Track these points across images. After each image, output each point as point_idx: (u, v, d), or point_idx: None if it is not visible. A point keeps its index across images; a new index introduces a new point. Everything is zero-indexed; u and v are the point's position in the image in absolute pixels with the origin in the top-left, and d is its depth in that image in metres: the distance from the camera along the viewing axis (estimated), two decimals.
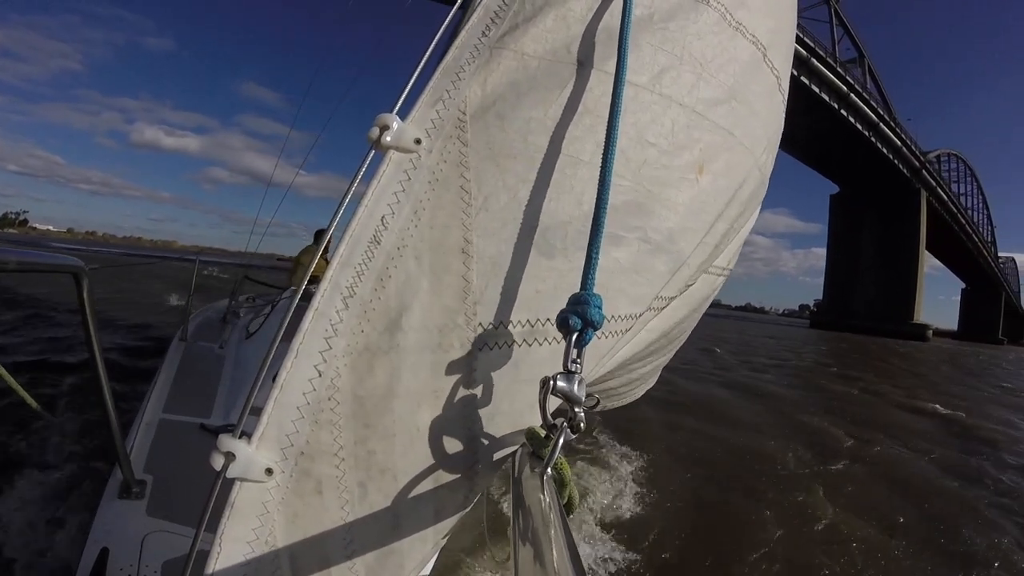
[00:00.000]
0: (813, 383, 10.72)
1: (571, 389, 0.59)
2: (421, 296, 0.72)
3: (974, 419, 7.92)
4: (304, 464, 0.68)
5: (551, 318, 0.76)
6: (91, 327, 1.16)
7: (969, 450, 6.00)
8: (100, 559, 1.22)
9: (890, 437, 6.13)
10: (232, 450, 0.64)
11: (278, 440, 0.66)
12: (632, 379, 1.53)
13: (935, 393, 10.69)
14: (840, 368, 14.34)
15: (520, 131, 0.77)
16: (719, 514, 3.51)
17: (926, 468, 5.13)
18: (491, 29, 0.79)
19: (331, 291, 0.69)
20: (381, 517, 0.71)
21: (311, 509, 0.68)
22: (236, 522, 0.65)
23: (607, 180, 0.70)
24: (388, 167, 0.72)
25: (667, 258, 0.89)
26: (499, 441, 0.76)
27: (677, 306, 1.12)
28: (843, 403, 8.27)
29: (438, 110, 0.75)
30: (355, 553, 0.71)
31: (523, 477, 0.63)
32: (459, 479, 0.74)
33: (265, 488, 0.66)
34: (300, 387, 0.67)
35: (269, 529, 0.67)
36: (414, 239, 0.72)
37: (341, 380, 0.69)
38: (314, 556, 0.69)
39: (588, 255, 0.67)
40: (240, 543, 0.66)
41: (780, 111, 1.18)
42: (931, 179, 50.72)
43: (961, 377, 16.04)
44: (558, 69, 0.81)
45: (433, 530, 0.75)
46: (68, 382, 3.80)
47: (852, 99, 38.38)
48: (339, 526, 0.70)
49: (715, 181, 0.94)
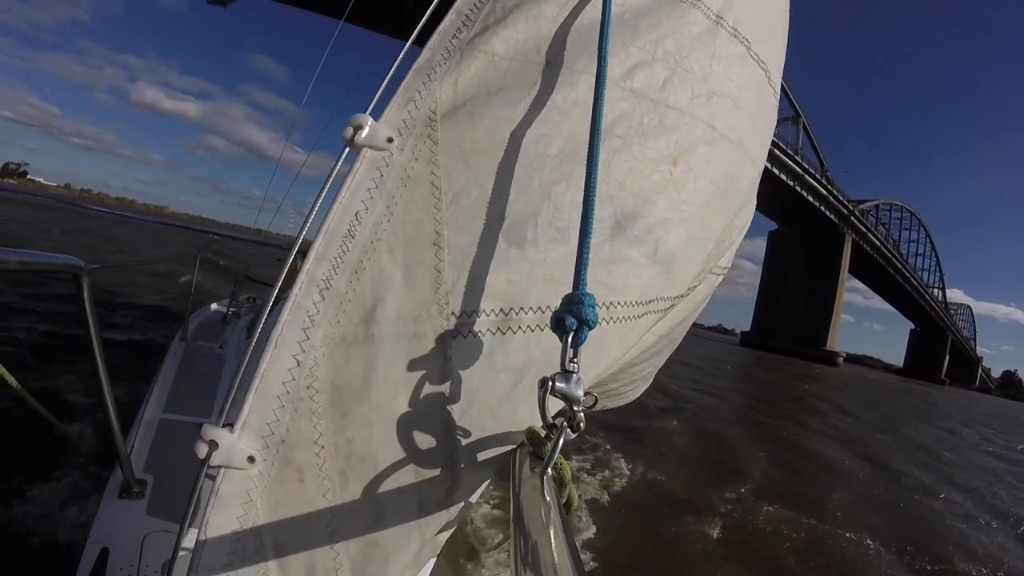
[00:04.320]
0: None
1: (569, 389, 0.60)
2: (394, 288, 0.74)
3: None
4: (285, 452, 0.69)
5: (524, 307, 0.77)
6: (91, 327, 1.16)
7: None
8: (100, 559, 1.21)
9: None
10: (215, 438, 0.65)
11: (259, 429, 0.68)
12: (634, 379, 1.54)
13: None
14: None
15: (489, 129, 0.80)
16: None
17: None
18: (462, 32, 0.82)
19: (308, 284, 0.71)
20: (363, 507, 0.72)
21: (294, 498, 0.70)
22: (220, 510, 0.67)
23: (593, 183, 0.72)
24: (362, 165, 0.75)
25: (645, 249, 0.89)
26: (477, 431, 0.76)
27: (681, 307, 1.12)
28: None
29: (410, 110, 0.78)
30: (338, 543, 0.71)
31: (523, 477, 0.63)
32: (439, 470, 0.75)
33: (248, 476, 0.68)
34: (280, 377, 0.69)
35: (253, 517, 0.68)
36: (387, 233, 0.75)
37: (319, 370, 0.70)
38: (298, 545, 0.70)
39: (579, 255, 0.68)
40: (225, 531, 0.67)
41: (771, 104, 1.18)
42: (861, 225, 55.90)
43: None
44: (527, 69, 0.84)
45: (417, 525, 0.75)
46: (68, 380, 3.63)
47: (776, 154, 42.50)
48: (322, 516, 0.71)
49: (694, 173, 0.95)
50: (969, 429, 16.41)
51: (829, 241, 54.62)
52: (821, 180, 48.23)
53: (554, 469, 0.62)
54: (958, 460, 9.19)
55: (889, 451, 8.35)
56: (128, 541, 1.27)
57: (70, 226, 23.63)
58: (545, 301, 0.79)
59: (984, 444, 13.14)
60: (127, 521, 1.34)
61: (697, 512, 3.92)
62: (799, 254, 57.24)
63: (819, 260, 55.55)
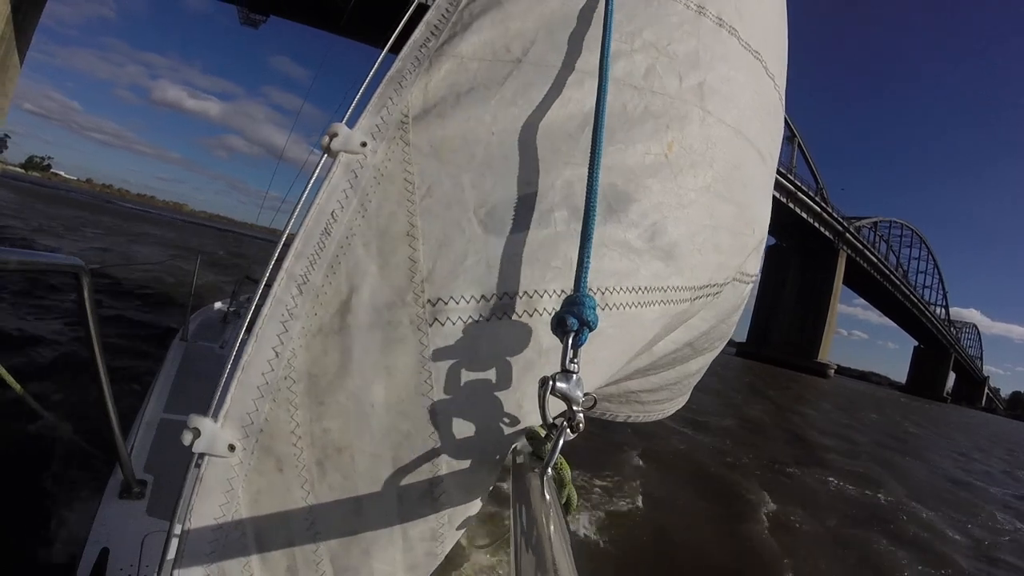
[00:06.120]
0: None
1: (570, 389, 0.60)
2: (369, 279, 0.76)
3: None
4: (264, 441, 0.71)
5: (507, 292, 0.77)
6: (92, 326, 1.16)
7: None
8: (100, 559, 1.22)
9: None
10: (198, 426, 0.68)
11: (240, 418, 0.71)
12: (658, 389, 1.46)
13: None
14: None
15: (461, 126, 0.82)
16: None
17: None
18: (431, 41, 0.86)
19: (287, 280, 0.74)
20: (342, 499, 0.72)
21: (274, 487, 0.71)
22: (204, 498, 0.69)
23: (595, 186, 0.73)
24: (338, 168, 0.79)
25: (640, 232, 0.88)
26: (459, 422, 0.75)
27: (704, 315, 1.10)
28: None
29: (383, 116, 0.82)
30: (318, 536, 0.72)
31: (523, 477, 0.63)
32: (418, 461, 0.74)
33: (229, 465, 0.70)
34: (260, 368, 0.72)
35: (235, 507, 0.70)
36: (361, 228, 0.77)
37: (297, 360, 0.73)
38: (278, 536, 0.72)
39: (580, 256, 0.70)
40: (208, 519, 0.69)
41: (771, 94, 1.18)
42: (856, 241, 57.16)
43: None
44: (498, 67, 0.86)
45: (399, 519, 0.74)
46: (69, 378, 3.59)
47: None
48: (301, 507, 0.72)
49: (691, 158, 0.94)
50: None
51: (823, 257, 55.78)
52: (815, 198, 49.45)
53: (554, 469, 0.62)
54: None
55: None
56: (128, 541, 1.27)
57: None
58: (529, 285, 0.78)
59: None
60: (127, 521, 1.35)
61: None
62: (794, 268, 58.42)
63: (813, 275, 56.73)
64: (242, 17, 34.03)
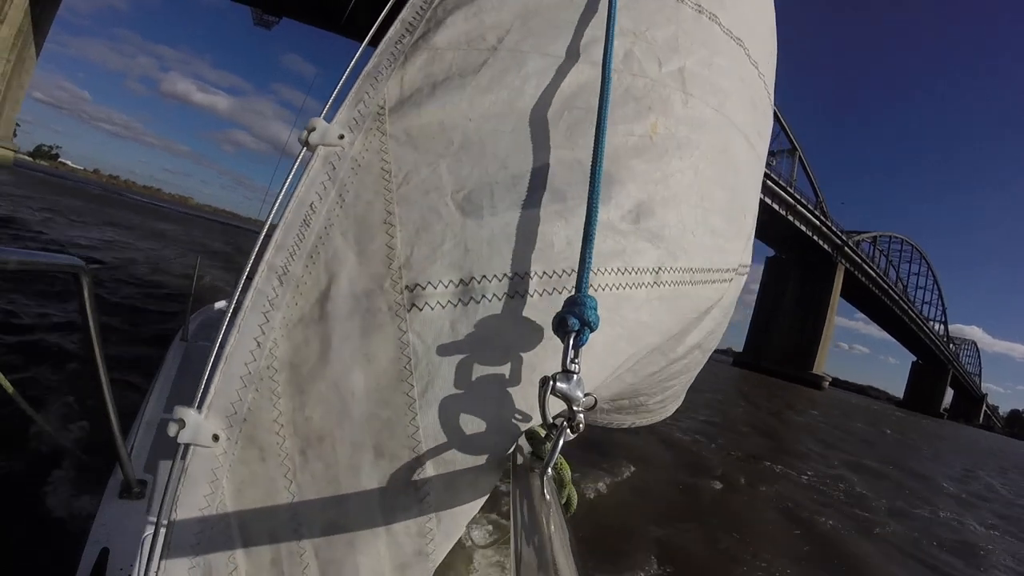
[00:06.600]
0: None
1: (570, 389, 0.60)
2: (348, 267, 0.76)
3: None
4: (248, 431, 0.72)
5: (487, 275, 0.77)
6: (92, 327, 1.16)
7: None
8: (100, 559, 1.22)
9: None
10: (183, 417, 0.70)
11: (224, 408, 0.72)
12: (665, 390, 1.45)
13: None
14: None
15: (437, 114, 0.84)
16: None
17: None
18: (406, 37, 0.88)
19: (268, 272, 0.76)
20: (323, 489, 0.72)
21: (257, 478, 0.72)
22: (189, 488, 0.70)
23: (596, 188, 0.73)
24: (316, 161, 0.80)
25: (623, 213, 0.87)
26: (442, 409, 0.74)
27: (715, 314, 1.10)
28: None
29: (359, 109, 0.83)
30: (301, 526, 0.72)
31: (523, 477, 0.64)
32: (398, 450, 0.73)
33: (213, 454, 0.71)
34: (243, 358, 0.73)
35: (220, 497, 0.71)
36: (339, 218, 0.78)
37: (279, 350, 0.74)
38: (262, 527, 0.72)
39: (581, 257, 0.70)
40: (194, 510, 0.70)
41: (756, 83, 1.18)
42: (855, 255, 57.54)
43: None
44: (473, 56, 0.88)
45: (382, 511, 0.73)
46: (69, 375, 3.55)
47: (769, 184, 44.06)
48: (284, 496, 0.72)
49: (677, 139, 0.95)
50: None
51: (822, 269, 56.08)
52: (814, 211, 49.84)
53: (554, 469, 0.62)
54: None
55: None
56: (128, 541, 1.27)
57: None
58: (509, 268, 0.78)
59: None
60: (127, 521, 1.34)
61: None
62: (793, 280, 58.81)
63: (811, 287, 57.02)
64: (256, 18, 34.67)
